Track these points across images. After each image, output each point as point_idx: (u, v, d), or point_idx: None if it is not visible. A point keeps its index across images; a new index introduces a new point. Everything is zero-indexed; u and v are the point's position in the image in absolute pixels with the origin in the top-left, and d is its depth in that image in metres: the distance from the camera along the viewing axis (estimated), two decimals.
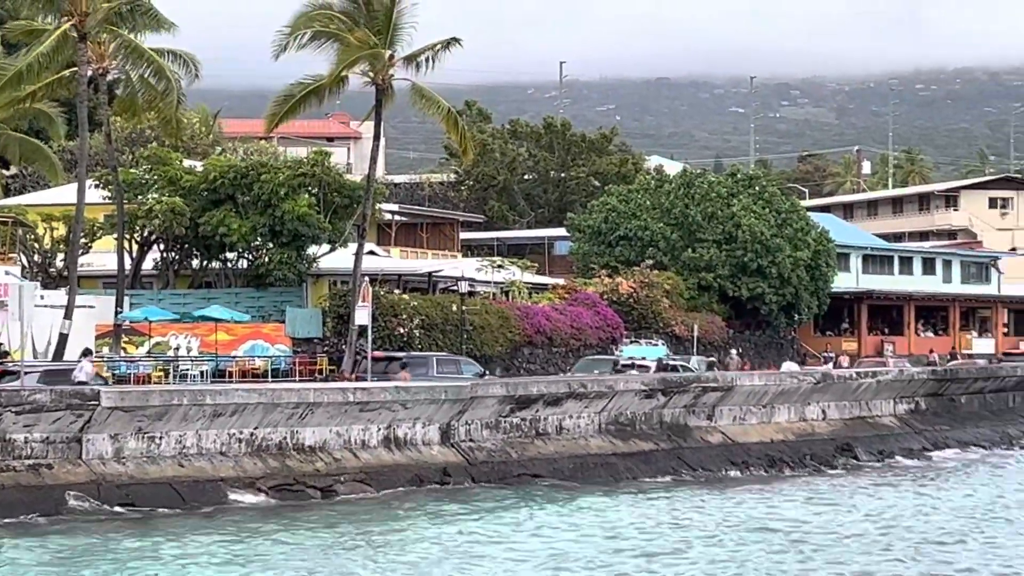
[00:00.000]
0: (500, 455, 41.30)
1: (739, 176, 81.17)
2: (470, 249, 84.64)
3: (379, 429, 39.12)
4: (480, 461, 40.59)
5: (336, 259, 58.96)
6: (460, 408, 40.69)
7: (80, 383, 38.90)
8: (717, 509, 37.29)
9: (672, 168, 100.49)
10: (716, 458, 46.30)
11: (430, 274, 65.89)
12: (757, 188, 79.54)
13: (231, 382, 49.41)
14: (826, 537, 32.94)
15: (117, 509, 32.81)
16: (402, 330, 55.80)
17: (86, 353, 43.92)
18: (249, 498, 35.06)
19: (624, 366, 55.24)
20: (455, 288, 62.06)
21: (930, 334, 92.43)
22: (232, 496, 34.92)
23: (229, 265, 60.23)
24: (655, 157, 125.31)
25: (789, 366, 66.17)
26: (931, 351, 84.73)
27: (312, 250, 58.67)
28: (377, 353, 51.43)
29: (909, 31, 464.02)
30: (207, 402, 35.55)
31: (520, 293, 66.60)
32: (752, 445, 48.38)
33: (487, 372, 53.05)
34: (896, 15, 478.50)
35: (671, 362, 57.83)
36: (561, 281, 72.04)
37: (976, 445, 55.23)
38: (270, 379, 51.33)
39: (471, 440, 41.16)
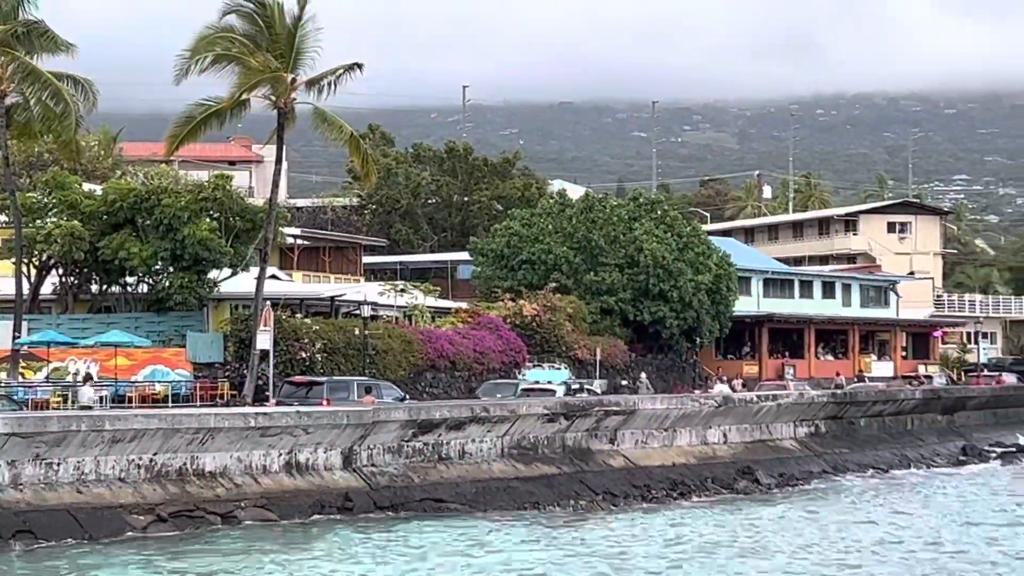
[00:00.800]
0: (402, 480, 41.18)
1: (641, 200, 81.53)
2: (373, 273, 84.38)
3: (280, 454, 38.90)
4: (382, 486, 40.45)
5: (238, 283, 58.61)
6: (362, 433, 40.54)
7: (83, 407, 38.83)
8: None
9: (575, 192, 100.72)
10: (618, 482, 46.41)
11: (332, 298, 65.64)
12: (659, 212, 79.98)
13: (131, 407, 48.95)
14: None
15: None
16: (304, 354, 55.54)
17: (87, 378, 43.43)
18: (148, 524, 34.71)
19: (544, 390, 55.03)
20: (358, 312, 61.91)
21: (830, 357, 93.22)
22: (131, 523, 34.55)
23: (129, 289, 59.72)
24: (558, 181, 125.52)
25: (720, 388, 66.34)
26: (837, 374, 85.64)
27: (213, 274, 58.28)
28: (298, 378, 51.25)
29: (807, 57, 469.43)
30: (106, 428, 35.18)
31: (423, 317, 66.51)
32: (654, 469, 48.57)
33: (407, 396, 52.98)
34: (793, 41, 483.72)
35: (579, 385, 57.94)
36: (464, 305, 71.99)
37: (875, 468, 55.72)
38: (171, 404, 50.89)
39: (373, 465, 41.02)
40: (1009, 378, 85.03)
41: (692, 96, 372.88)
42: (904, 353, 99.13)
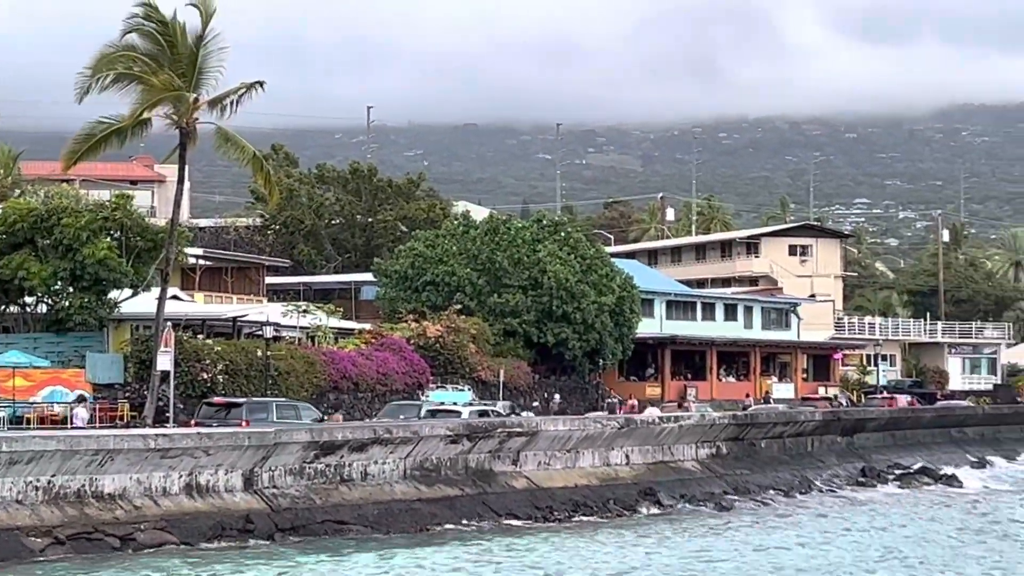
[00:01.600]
0: (304, 502, 40.98)
1: (545, 222, 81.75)
2: (276, 294, 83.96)
3: (181, 476, 38.60)
4: (283, 508, 40.23)
5: (138, 304, 58.07)
6: (264, 454, 40.32)
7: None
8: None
9: (479, 213, 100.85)
10: (521, 503, 46.45)
11: (235, 319, 65.24)
12: (563, 234, 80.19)
13: (29, 429, 48.38)
14: None
15: None
16: (205, 375, 55.16)
17: (81, 399, 43.84)
18: (46, 547, 34.32)
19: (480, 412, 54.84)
20: (260, 333, 61.54)
21: (732, 379, 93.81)
22: (28, 545, 34.16)
23: (28, 310, 59.04)
24: (462, 202, 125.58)
25: (651, 411, 66.37)
26: (747, 395, 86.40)
27: (114, 295, 57.74)
28: (217, 399, 50.94)
29: (708, 81, 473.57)
30: (2, 449, 34.77)
31: (326, 338, 66.24)
32: (556, 490, 48.65)
33: (325, 417, 52.78)
34: (694, 65, 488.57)
35: (484, 407, 57.89)
36: (368, 326, 71.79)
37: (775, 489, 56.04)
38: (70, 426, 50.32)
39: (275, 487, 40.80)
40: (903, 400, 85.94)
41: (596, 118, 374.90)
42: (805, 375, 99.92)
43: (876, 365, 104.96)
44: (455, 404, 57.57)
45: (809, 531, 45.50)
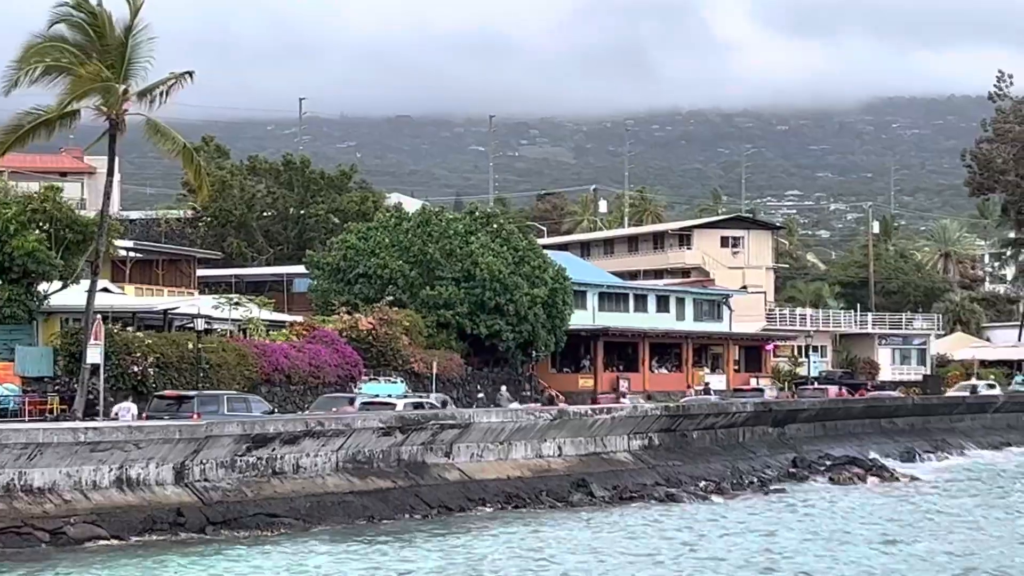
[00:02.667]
0: (236, 495, 40.80)
1: (477, 214, 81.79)
2: (207, 286, 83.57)
3: (111, 469, 38.32)
4: (215, 501, 40.04)
5: (68, 296, 57.70)
6: (195, 447, 40.12)
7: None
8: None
9: (412, 206, 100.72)
10: (453, 495, 46.45)
11: (166, 311, 64.92)
12: (495, 226, 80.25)
13: None
14: None
15: None
16: (136, 368, 54.84)
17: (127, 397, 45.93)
18: None
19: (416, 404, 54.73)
20: (192, 326, 61.27)
21: (664, 371, 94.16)
22: None
23: None
24: (395, 195, 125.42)
25: (627, 403, 66.33)
26: (688, 386, 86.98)
27: (43, 287, 57.33)
28: (168, 392, 50.75)
29: (639, 74, 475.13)
30: None
31: (258, 331, 66.01)
32: (489, 482, 48.66)
33: (275, 409, 52.66)
34: (623, 58, 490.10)
35: (420, 399, 57.84)
36: (300, 319, 71.60)
37: (706, 480, 56.22)
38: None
39: (206, 480, 40.59)
40: (834, 390, 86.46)
41: (529, 111, 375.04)
42: (737, 366, 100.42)
43: (807, 356, 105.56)
44: (390, 396, 57.49)
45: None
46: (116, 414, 47.75)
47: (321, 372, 63.58)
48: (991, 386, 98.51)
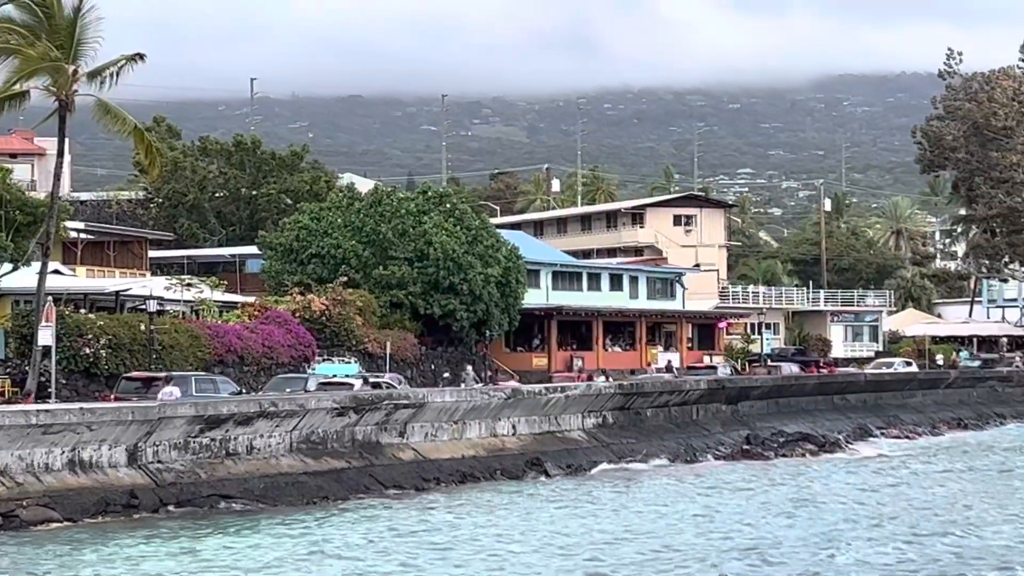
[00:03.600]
0: (189, 476, 40.72)
1: (430, 193, 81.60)
2: (160, 267, 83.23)
3: (64, 452, 38.19)
4: (168, 483, 39.96)
5: (19, 278, 57.27)
6: (148, 429, 40.00)
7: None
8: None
9: (365, 186, 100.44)
10: (408, 475, 46.47)
11: (118, 293, 64.58)
12: (448, 205, 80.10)
13: None
14: None
15: None
16: (88, 350, 54.55)
17: (168, 380, 47.07)
18: None
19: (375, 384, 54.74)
20: (144, 307, 60.95)
21: (618, 349, 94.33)
22: None
23: None
24: (348, 175, 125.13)
25: (599, 380, 66.42)
26: (648, 363, 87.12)
27: None
28: (137, 373, 50.63)
29: (589, 53, 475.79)
30: None
31: (210, 312, 65.78)
32: (444, 461, 48.71)
33: (243, 390, 52.78)
34: (573, 38, 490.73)
35: (378, 379, 57.85)
36: (253, 299, 71.33)
37: (659, 457, 56.43)
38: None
39: (160, 462, 40.50)
40: (788, 368, 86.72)
41: (481, 90, 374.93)
42: (690, 344, 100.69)
43: (760, 334, 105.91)
44: (347, 376, 57.50)
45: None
46: (161, 397, 47.97)
47: (274, 353, 63.37)
48: (908, 363, 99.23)
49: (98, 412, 39.28)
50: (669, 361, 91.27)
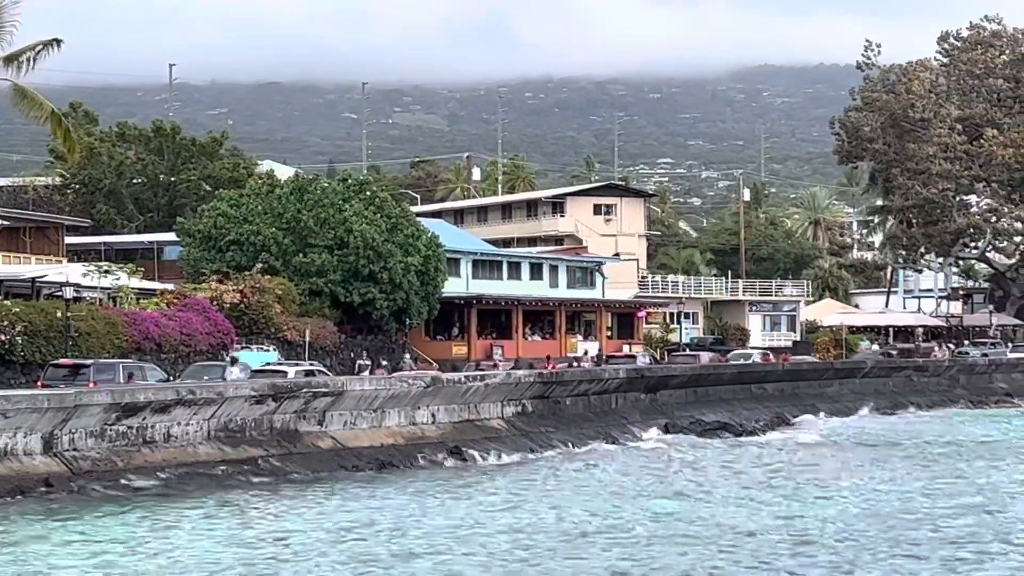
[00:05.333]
0: (105, 464, 40.40)
1: (351, 181, 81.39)
2: (77, 254, 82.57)
3: None
4: (84, 471, 39.62)
5: None
6: (64, 416, 39.65)
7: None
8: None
9: (284, 173, 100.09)
10: (326, 463, 46.34)
11: (34, 280, 64.04)
12: (369, 193, 79.96)
13: None
14: None
15: None
16: (3, 337, 54.06)
17: (234, 361, 50.40)
18: None
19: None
20: (60, 294, 60.46)
21: (537, 338, 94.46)
22: None
23: None
24: (267, 162, 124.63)
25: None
26: (585, 352, 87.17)
27: None
28: (64, 360, 50.22)
29: (509, 42, 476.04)
30: None
31: (128, 299, 65.31)
32: (363, 449, 48.61)
33: (170, 377, 52.64)
34: (489, 27, 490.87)
35: (312, 367, 57.67)
36: (171, 287, 70.89)
37: (577, 445, 56.53)
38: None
39: (75, 449, 40.16)
40: (705, 357, 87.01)
41: (402, 78, 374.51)
42: (610, 333, 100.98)
43: (679, 323, 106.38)
44: (280, 364, 57.50)
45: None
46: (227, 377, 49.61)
47: (192, 340, 63.03)
48: (765, 354, 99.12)
49: (12, 400, 38.88)
50: (600, 351, 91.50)
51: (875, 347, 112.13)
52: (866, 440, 64.71)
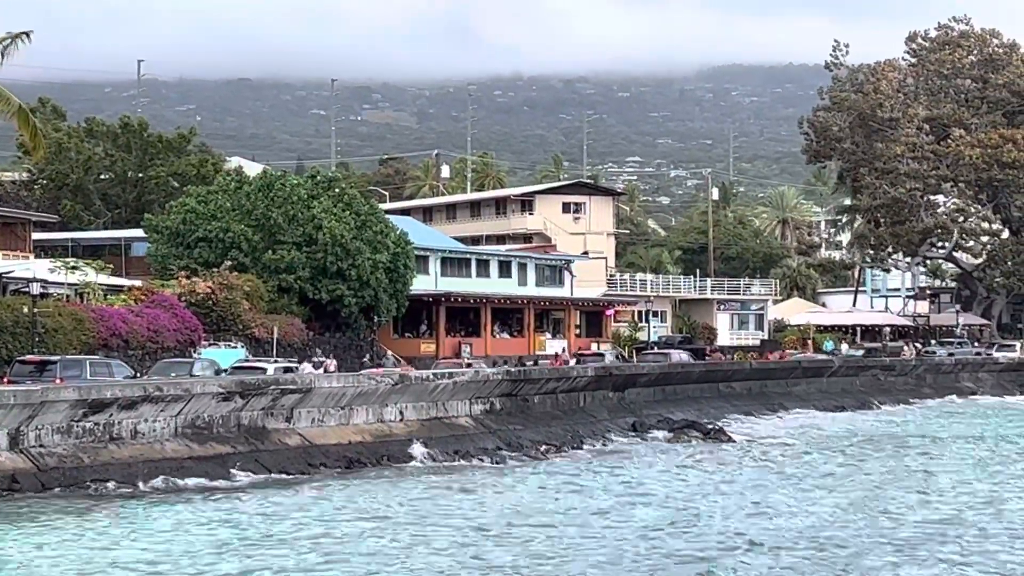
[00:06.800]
0: (72, 460, 40.25)
1: (320, 178, 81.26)
2: (44, 250, 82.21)
3: None
4: (51, 467, 39.48)
5: None
6: (30, 413, 39.50)
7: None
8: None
9: (253, 169, 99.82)
10: (293, 460, 46.27)
11: (0, 275, 63.80)
12: (338, 190, 79.87)
13: None
14: None
15: None
16: None
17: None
18: None
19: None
20: (27, 290, 60.22)
21: (506, 336, 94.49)
22: None
23: None
24: (236, 158, 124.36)
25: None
26: (562, 350, 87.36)
27: None
28: (31, 357, 50.01)
29: (477, 40, 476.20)
30: None
31: (95, 295, 65.09)
32: (330, 447, 48.55)
33: (137, 374, 52.49)
34: (454, 25, 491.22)
35: (290, 364, 57.65)
36: (139, 283, 70.68)
37: (547, 443, 56.53)
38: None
39: (42, 446, 40.00)
40: (678, 356, 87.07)
41: (372, 75, 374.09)
42: (578, 331, 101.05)
43: (647, 321, 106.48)
44: (258, 360, 57.45)
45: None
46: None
47: (160, 337, 62.84)
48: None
49: None
50: (579, 352, 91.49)
51: (844, 346, 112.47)
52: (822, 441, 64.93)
